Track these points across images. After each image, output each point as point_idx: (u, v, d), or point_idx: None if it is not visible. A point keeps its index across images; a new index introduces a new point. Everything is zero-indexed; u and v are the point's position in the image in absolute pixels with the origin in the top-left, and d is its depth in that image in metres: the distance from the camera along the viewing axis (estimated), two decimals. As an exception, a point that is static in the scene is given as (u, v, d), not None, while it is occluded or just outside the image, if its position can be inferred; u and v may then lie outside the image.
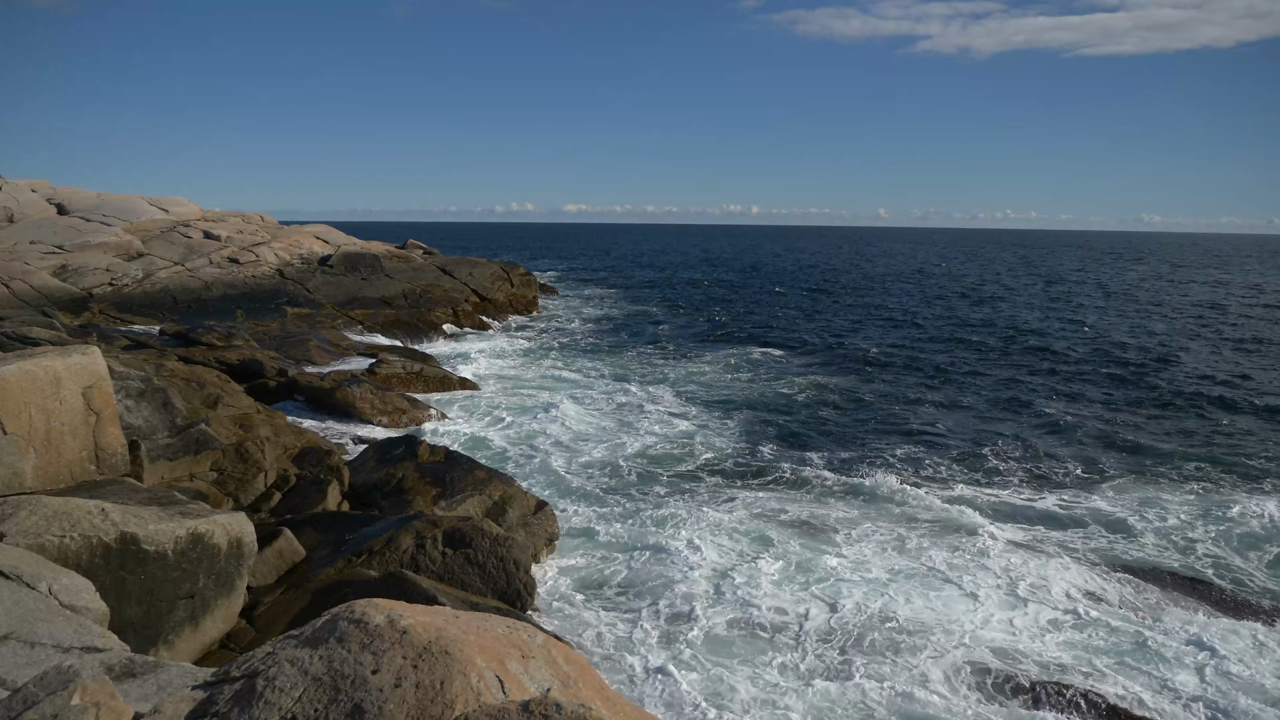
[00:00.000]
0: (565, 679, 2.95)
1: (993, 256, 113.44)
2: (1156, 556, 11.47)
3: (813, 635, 8.94)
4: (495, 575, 8.62)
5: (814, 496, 13.58)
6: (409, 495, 11.14)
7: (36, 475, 7.40)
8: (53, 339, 15.20)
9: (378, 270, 36.01)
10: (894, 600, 9.75)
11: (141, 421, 10.07)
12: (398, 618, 2.80)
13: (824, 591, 10.00)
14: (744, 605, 9.51)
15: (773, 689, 7.91)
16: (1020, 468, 15.49)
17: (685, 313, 41.25)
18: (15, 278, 28.07)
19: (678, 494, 13.54)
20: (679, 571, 10.34)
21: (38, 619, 4.53)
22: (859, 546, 11.36)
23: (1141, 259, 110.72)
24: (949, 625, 9.20)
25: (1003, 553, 11.28)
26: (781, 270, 76.82)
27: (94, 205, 36.78)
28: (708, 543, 11.28)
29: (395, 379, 19.02)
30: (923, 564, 10.83)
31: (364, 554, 8.53)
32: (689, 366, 25.49)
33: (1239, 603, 10.16)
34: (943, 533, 11.98)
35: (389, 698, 2.48)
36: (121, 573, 6.06)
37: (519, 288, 41.64)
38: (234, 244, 35.36)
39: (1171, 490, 14.21)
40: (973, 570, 10.68)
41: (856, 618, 9.32)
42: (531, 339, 30.40)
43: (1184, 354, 28.78)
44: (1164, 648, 8.91)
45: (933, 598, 9.89)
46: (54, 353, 7.92)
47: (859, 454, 16.14)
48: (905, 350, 29.43)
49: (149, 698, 3.63)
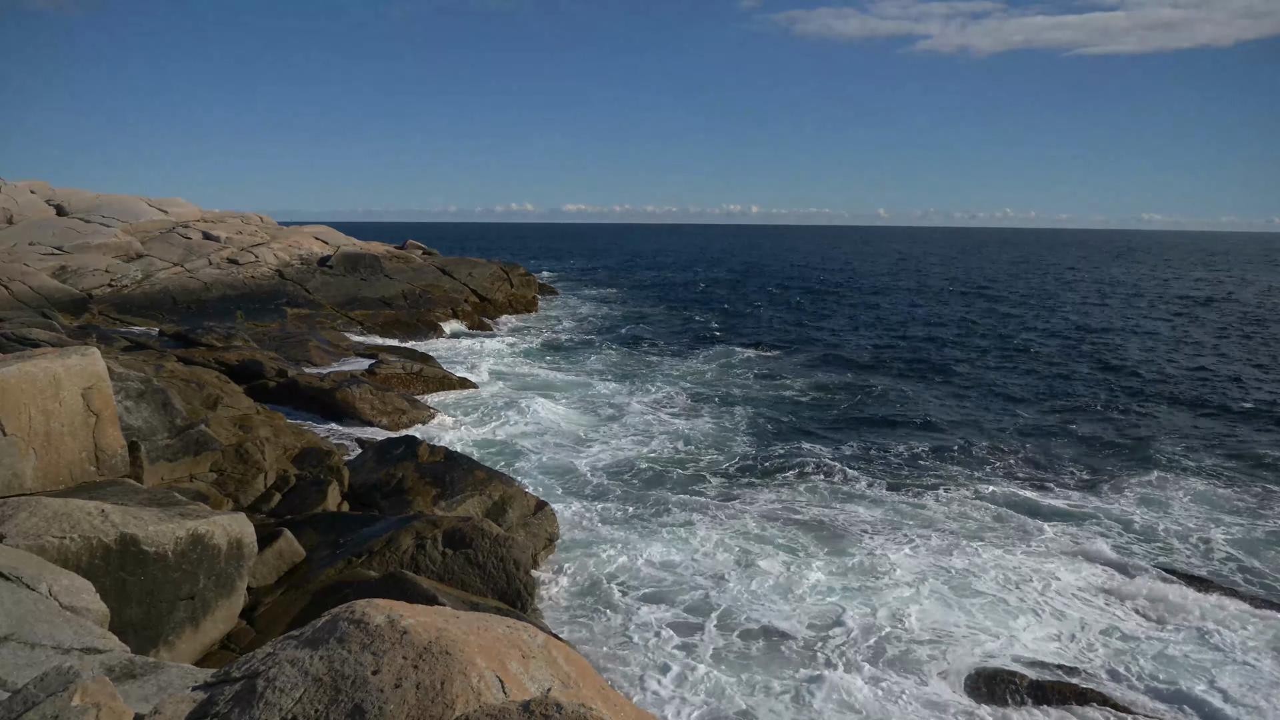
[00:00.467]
0: (566, 679, 2.95)
1: (994, 255, 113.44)
2: (1171, 556, 11.45)
3: (818, 639, 8.93)
4: (495, 575, 8.62)
5: (820, 498, 13.53)
6: (409, 495, 11.14)
7: (36, 476, 7.40)
8: (52, 340, 15.20)
9: (377, 271, 36.00)
10: (907, 606, 9.68)
11: (141, 422, 10.07)
12: (398, 618, 2.80)
13: (829, 594, 9.99)
14: (746, 607, 9.50)
15: (773, 690, 7.91)
16: (1028, 466, 15.46)
17: (685, 312, 41.25)
18: (14, 279, 28.07)
19: (681, 494, 13.53)
20: (682, 572, 10.34)
21: (38, 620, 4.53)
22: (868, 550, 11.30)
23: (1138, 257, 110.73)
24: (973, 632, 9.10)
25: (1021, 553, 11.25)
26: (781, 270, 76.82)
27: (93, 206, 36.78)
28: (710, 543, 11.28)
29: (395, 379, 19.02)
30: (939, 566, 10.78)
31: (364, 554, 8.53)
32: (690, 366, 25.48)
33: (1260, 602, 10.08)
34: (956, 534, 11.96)
35: (389, 698, 2.48)
36: (121, 574, 6.06)
37: (518, 288, 41.64)
38: (233, 245, 35.36)
39: (1181, 488, 14.20)
40: (990, 571, 10.62)
41: (868, 622, 9.29)
42: (531, 339, 30.39)
43: (1188, 351, 28.80)
44: (1177, 648, 8.91)
45: (953, 603, 9.78)
46: (53, 354, 7.92)
47: (865, 455, 16.09)
48: (907, 348, 29.45)
49: (149, 699, 3.63)
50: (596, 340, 30.78)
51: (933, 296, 50.67)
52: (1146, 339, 32.20)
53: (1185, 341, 31.70)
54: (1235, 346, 30.52)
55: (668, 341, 30.79)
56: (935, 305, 45.39)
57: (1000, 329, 35.08)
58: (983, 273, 74.67)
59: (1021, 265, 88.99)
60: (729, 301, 47.16)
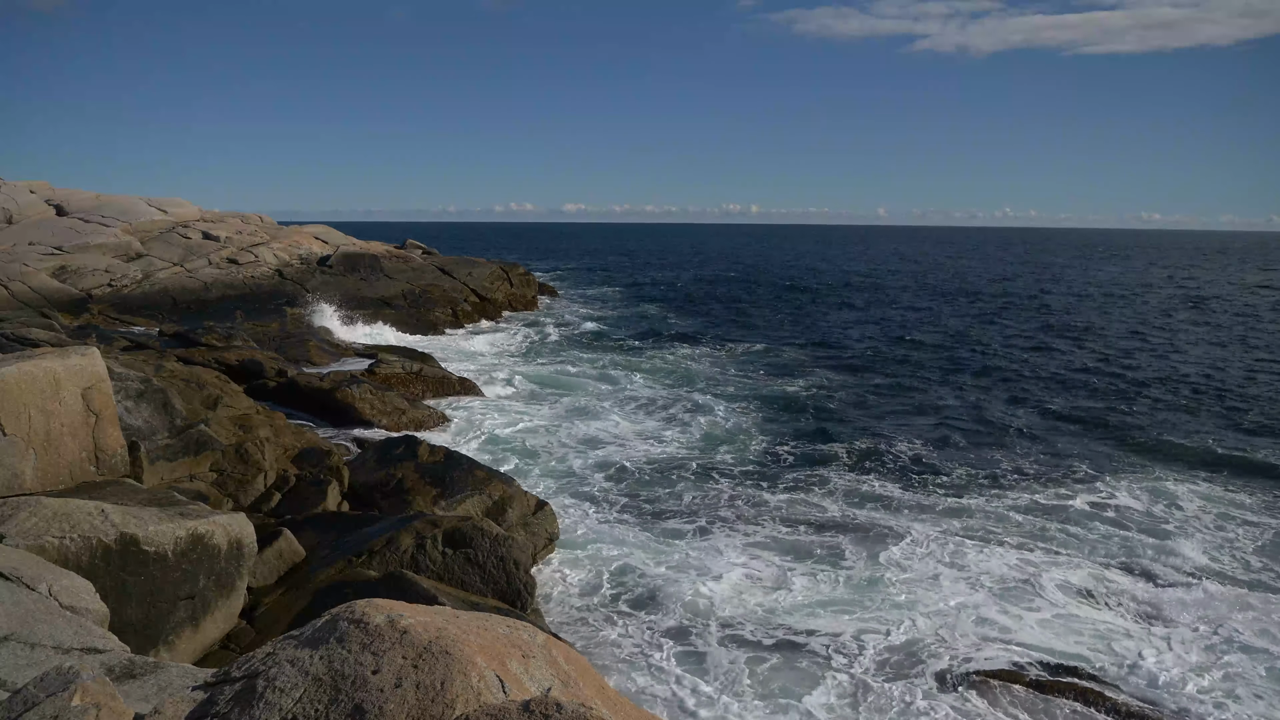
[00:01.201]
0: (566, 678, 2.95)
1: (994, 255, 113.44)
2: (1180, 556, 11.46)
3: (818, 639, 8.94)
4: (495, 575, 8.62)
5: (826, 498, 13.43)
6: (409, 495, 11.14)
7: (36, 476, 7.39)
8: (52, 340, 15.20)
9: (377, 270, 36.00)
10: (907, 605, 9.71)
11: (141, 422, 10.07)
12: (398, 618, 2.80)
13: (830, 594, 9.99)
14: (747, 608, 9.51)
15: (773, 691, 7.91)
16: (1035, 465, 15.43)
17: (686, 311, 41.24)
18: (14, 279, 28.06)
19: (684, 493, 13.51)
20: (683, 572, 10.33)
21: (38, 620, 4.53)
22: (872, 550, 11.21)
23: (1149, 256, 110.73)
24: (974, 633, 9.08)
25: (1026, 552, 11.25)
26: (781, 268, 76.81)
27: (93, 206, 36.76)
28: (713, 543, 11.27)
29: (395, 379, 19.01)
30: (940, 565, 10.78)
31: (364, 554, 8.53)
32: (691, 364, 25.47)
33: (1267, 600, 10.06)
34: (957, 535, 11.95)
35: (389, 698, 2.48)
36: (121, 574, 6.06)
37: (518, 287, 41.62)
38: (233, 245, 35.35)
39: (1189, 487, 14.21)
40: (994, 571, 10.61)
41: (869, 623, 9.30)
42: (531, 338, 30.38)
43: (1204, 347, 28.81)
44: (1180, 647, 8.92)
45: (953, 602, 9.78)
46: (53, 354, 7.91)
47: (870, 455, 15.98)
48: (908, 349, 29.44)
49: (149, 698, 3.63)
50: (596, 339, 30.77)
51: (933, 296, 50.66)
52: (1157, 334, 32.20)
53: (1202, 341, 31.70)
54: (1243, 344, 30.53)
55: (668, 340, 30.78)
56: (936, 305, 45.38)
57: (1005, 329, 35.08)
58: (985, 272, 74.67)
59: (1025, 265, 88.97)
60: (730, 300, 47.15)
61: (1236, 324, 37.14)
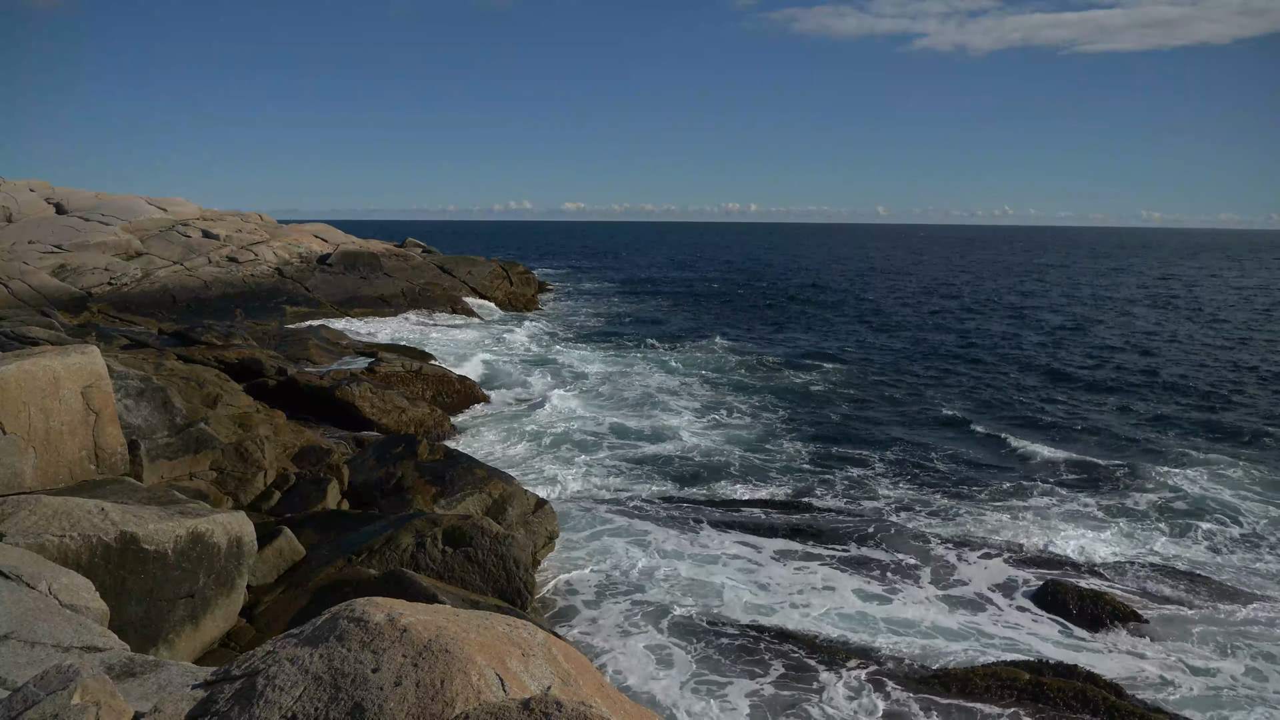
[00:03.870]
0: (565, 677, 2.95)
1: (995, 255, 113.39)
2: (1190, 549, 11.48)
3: (818, 640, 8.94)
4: (495, 573, 8.62)
5: (830, 499, 13.41)
6: (409, 494, 11.13)
7: (36, 475, 7.39)
8: (51, 338, 15.19)
9: (377, 269, 35.99)
10: (908, 606, 9.72)
11: (141, 421, 10.07)
12: (398, 616, 2.80)
13: (830, 595, 10.00)
14: (748, 609, 9.51)
15: (772, 691, 7.92)
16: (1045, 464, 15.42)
17: (685, 309, 41.24)
18: (14, 277, 28.06)
19: (685, 493, 13.51)
20: (684, 572, 10.34)
21: (38, 618, 4.53)
22: (875, 551, 11.31)
23: (1158, 254, 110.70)
24: (975, 631, 9.11)
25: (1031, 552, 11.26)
26: (781, 267, 76.79)
27: (92, 205, 36.74)
28: (714, 543, 11.27)
29: (394, 378, 18.99)
30: (941, 565, 10.81)
31: (364, 553, 8.53)
32: (692, 363, 25.46)
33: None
34: (959, 533, 11.97)
35: (389, 696, 2.48)
36: (121, 572, 6.06)
37: (518, 285, 41.62)
38: (233, 243, 35.34)
39: (1195, 483, 14.20)
40: (996, 571, 10.65)
41: (871, 624, 9.31)
42: (531, 337, 30.37)
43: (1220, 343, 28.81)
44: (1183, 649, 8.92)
45: (955, 602, 9.85)
46: (53, 352, 7.91)
47: (875, 453, 15.98)
48: (909, 346, 29.44)
49: (149, 697, 3.63)
50: (597, 338, 30.77)
51: (935, 295, 50.65)
52: (1165, 331, 32.20)
53: (1216, 338, 31.70)
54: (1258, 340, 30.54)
55: (668, 339, 30.77)
56: (940, 303, 45.37)
57: (1011, 328, 35.07)
58: (989, 271, 74.66)
59: (1026, 265, 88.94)
60: (730, 298, 47.16)
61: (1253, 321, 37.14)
